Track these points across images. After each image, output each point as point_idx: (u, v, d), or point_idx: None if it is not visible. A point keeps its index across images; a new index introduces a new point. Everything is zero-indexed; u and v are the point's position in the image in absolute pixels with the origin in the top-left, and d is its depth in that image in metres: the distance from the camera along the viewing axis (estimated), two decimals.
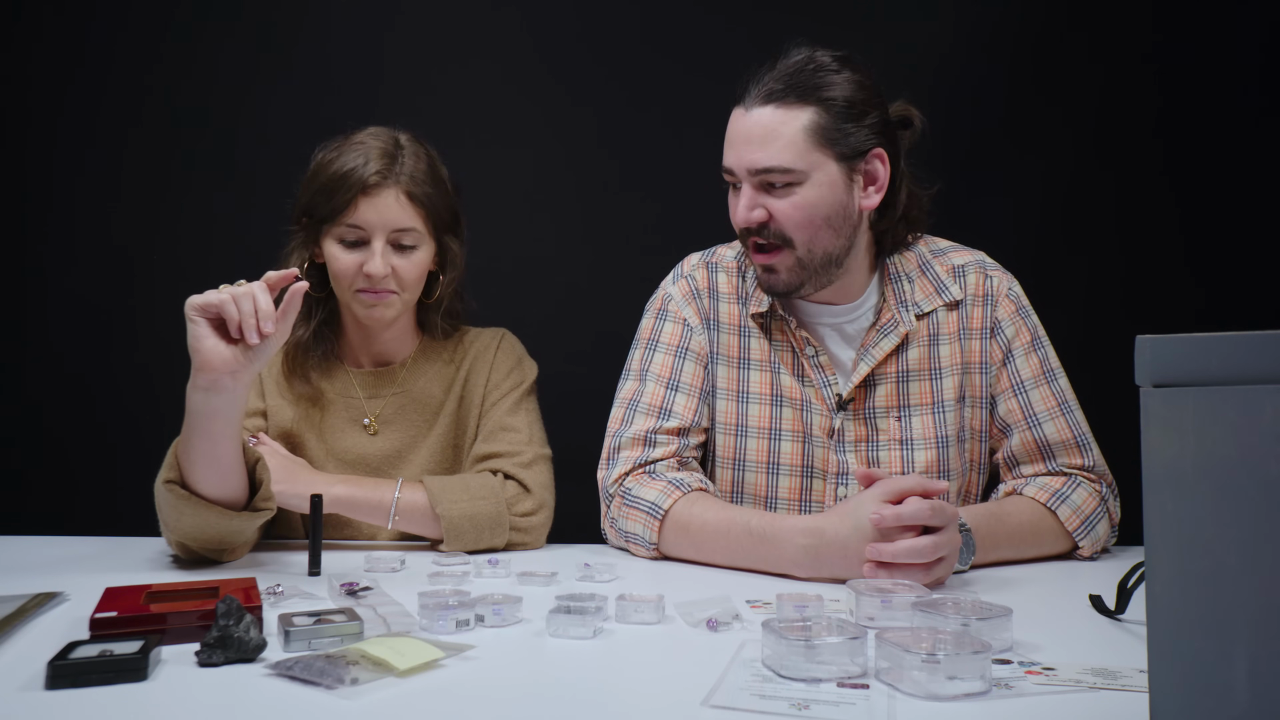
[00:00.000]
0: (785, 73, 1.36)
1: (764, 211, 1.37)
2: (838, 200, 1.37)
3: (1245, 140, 2.04)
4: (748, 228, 1.39)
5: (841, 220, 1.38)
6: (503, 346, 1.62)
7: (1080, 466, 1.42)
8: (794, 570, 1.24)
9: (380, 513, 1.42)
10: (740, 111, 1.37)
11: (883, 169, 1.40)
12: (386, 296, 1.48)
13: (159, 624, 0.91)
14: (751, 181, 1.36)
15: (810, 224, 1.36)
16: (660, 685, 0.83)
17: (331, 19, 2.14)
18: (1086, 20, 2.07)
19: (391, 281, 1.47)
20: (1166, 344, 0.58)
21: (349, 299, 1.50)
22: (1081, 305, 1.98)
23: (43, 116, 2.12)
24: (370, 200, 1.44)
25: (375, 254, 1.45)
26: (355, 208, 1.44)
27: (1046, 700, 0.78)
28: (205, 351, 1.20)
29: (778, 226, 1.37)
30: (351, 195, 1.43)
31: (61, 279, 2.13)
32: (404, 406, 1.57)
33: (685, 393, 1.48)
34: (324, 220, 1.46)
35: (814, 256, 1.38)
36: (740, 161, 1.36)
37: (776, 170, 1.34)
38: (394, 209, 1.45)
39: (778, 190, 1.36)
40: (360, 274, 1.46)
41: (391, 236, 1.46)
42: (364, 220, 1.45)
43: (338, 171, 1.45)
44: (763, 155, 1.34)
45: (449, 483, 1.44)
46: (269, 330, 1.20)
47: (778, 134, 1.34)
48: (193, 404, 1.23)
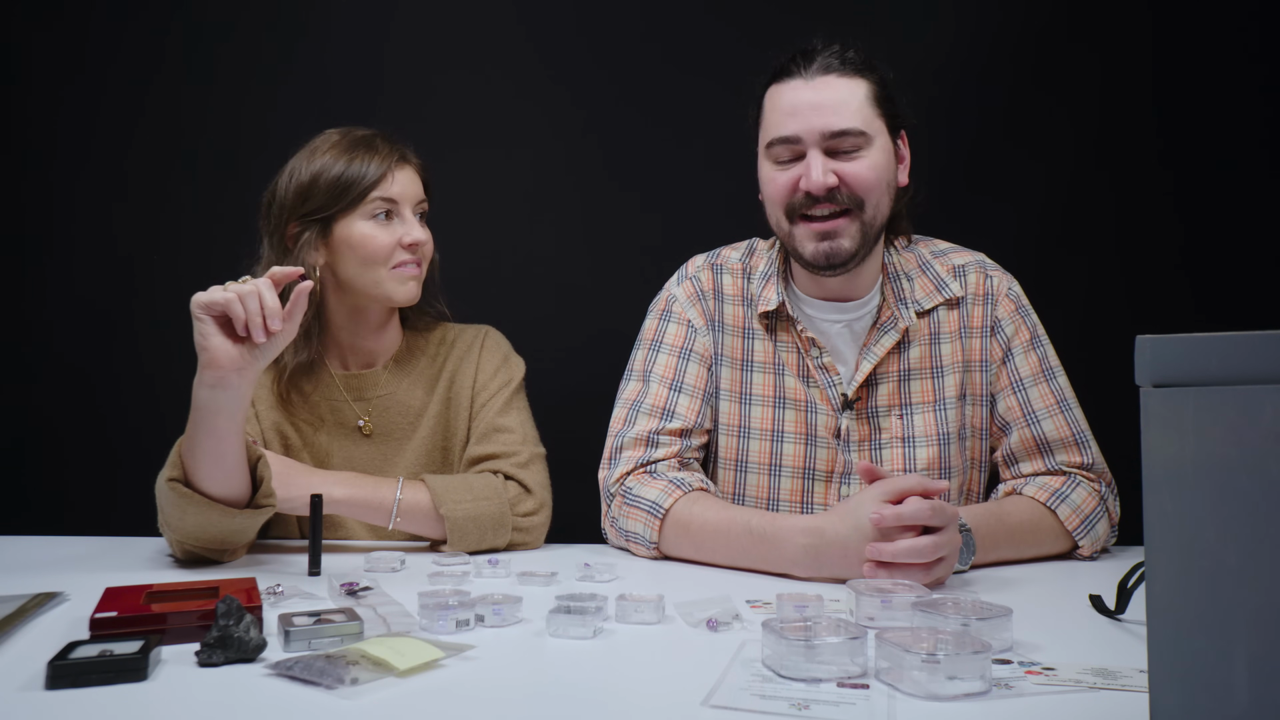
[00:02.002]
0: (836, 51, 1.39)
1: (834, 176, 1.37)
2: (892, 167, 1.41)
3: (1245, 140, 2.04)
4: (817, 194, 1.37)
5: (894, 190, 1.43)
6: (486, 344, 1.61)
7: (1079, 465, 1.42)
8: (794, 570, 1.24)
9: (381, 513, 1.41)
10: (798, 83, 1.38)
11: (905, 149, 1.45)
12: (419, 271, 1.52)
13: (159, 624, 0.92)
14: (822, 146, 1.37)
15: (879, 186, 1.39)
16: (660, 685, 0.83)
17: (332, 21, 2.14)
18: (1086, 21, 2.07)
19: (423, 252, 1.52)
20: (1166, 344, 0.58)
21: (381, 278, 1.49)
22: (1081, 305, 1.98)
23: (44, 117, 2.12)
24: (403, 171, 1.49)
25: (412, 223, 1.50)
26: (390, 180, 1.47)
27: (1046, 700, 0.78)
28: (212, 349, 1.20)
29: (849, 190, 1.37)
30: (382, 170, 1.47)
31: (62, 279, 2.13)
32: (388, 410, 1.57)
33: (688, 394, 1.48)
34: (347, 206, 1.46)
35: (875, 223, 1.40)
36: (811, 126, 1.36)
37: (852, 133, 1.36)
38: (416, 182, 1.53)
39: (845, 155, 1.37)
40: (397, 248, 1.48)
41: (416, 208, 1.52)
42: (399, 193, 1.48)
43: (353, 160, 1.47)
44: (837, 119, 1.36)
45: (452, 482, 1.44)
46: (276, 328, 1.20)
47: (849, 98, 1.37)
48: (199, 400, 1.23)
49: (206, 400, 1.22)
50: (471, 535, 1.41)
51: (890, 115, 1.40)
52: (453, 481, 1.44)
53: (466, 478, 1.46)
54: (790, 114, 1.38)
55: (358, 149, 1.48)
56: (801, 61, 1.39)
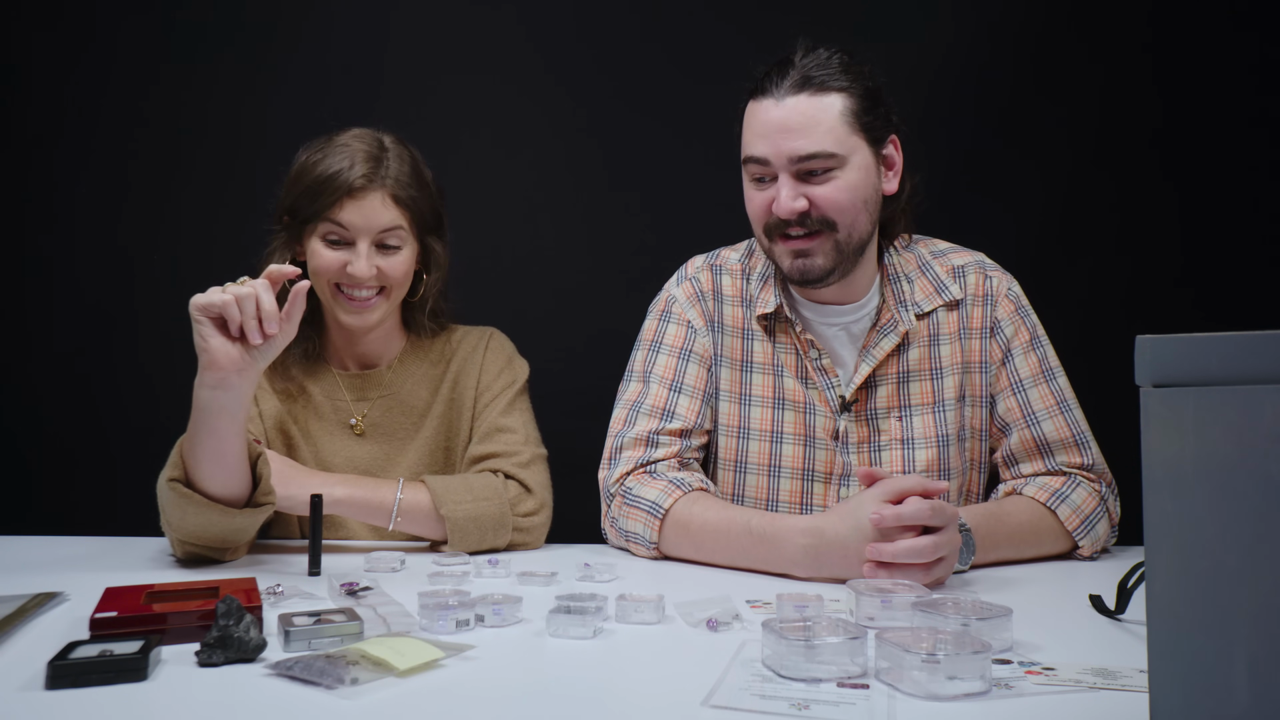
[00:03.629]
0: (810, 64, 1.36)
1: (805, 201, 1.36)
2: (871, 183, 1.39)
3: (1244, 140, 2.04)
4: (788, 219, 1.36)
5: (874, 204, 1.41)
6: (491, 346, 1.61)
7: (1079, 465, 1.42)
8: (794, 570, 1.24)
9: (382, 514, 1.41)
10: (769, 102, 1.36)
11: (897, 154, 1.43)
12: (370, 303, 1.47)
13: (159, 624, 0.91)
14: (791, 170, 1.35)
15: (853, 207, 1.37)
16: (660, 685, 0.83)
17: (333, 21, 2.15)
18: (1086, 21, 2.07)
19: (375, 282, 1.47)
20: (1166, 344, 0.58)
21: (329, 299, 1.49)
22: (1081, 306, 1.98)
23: (45, 116, 2.12)
24: (356, 203, 1.43)
25: (360, 255, 1.44)
26: (340, 209, 1.43)
27: (1046, 700, 0.78)
28: (212, 351, 1.20)
29: (820, 213, 1.36)
30: (337, 197, 1.43)
31: (63, 280, 2.13)
32: (391, 409, 1.56)
33: (688, 395, 1.48)
34: (308, 220, 1.46)
35: (851, 241, 1.39)
36: (779, 151, 1.35)
37: (820, 156, 1.34)
38: (379, 211, 1.45)
39: (818, 177, 1.35)
40: (341, 271, 1.45)
41: (376, 238, 1.45)
42: (349, 222, 1.44)
43: (323, 173, 1.44)
44: (805, 142, 1.34)
45: (451, 483, 1.43)
46: (273, 330, 1.20)
47: (818, 120, 1.34)
48: (200, 401, 1.23)
49: (208, 401, 1.23)
50: (472, 535, 1.41)
51: (871, 127, 1.37)
52: (453, 482, 1.44)
53: (466, 478, 1.46)
54: (761, 135, 1.37)
55: (331, 165, 1.44)
56: (776, 77, 1.36)
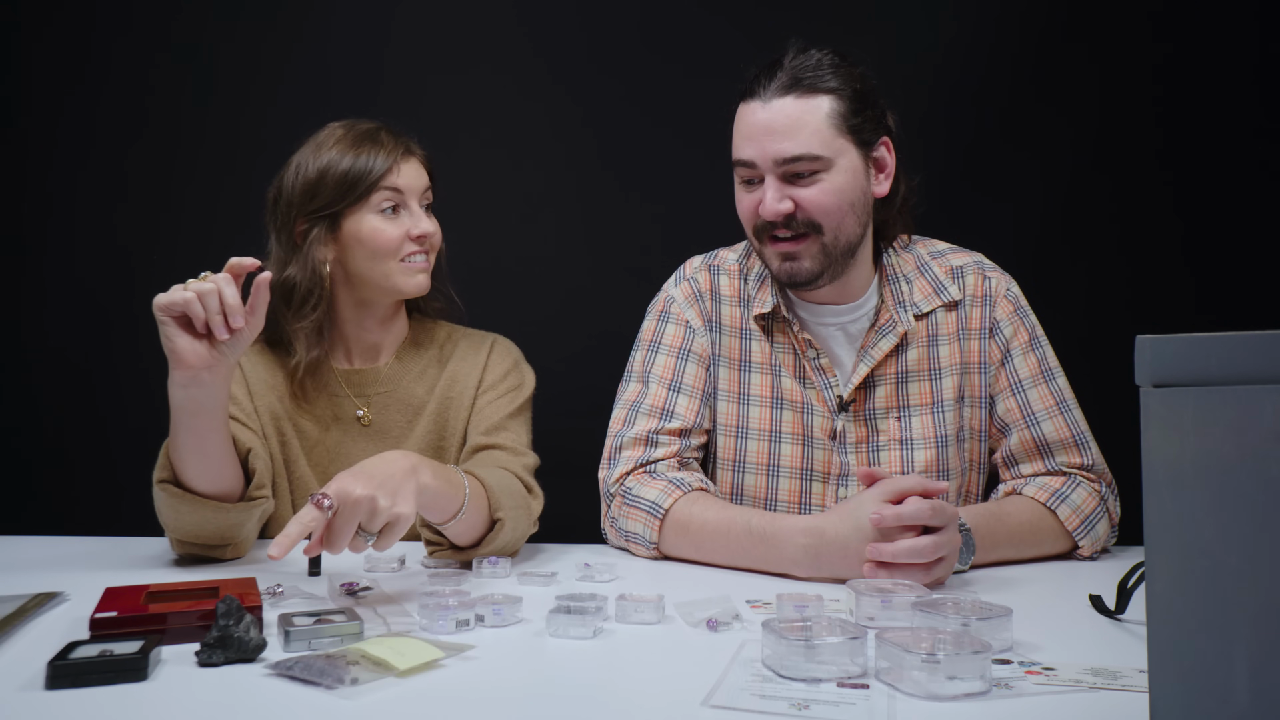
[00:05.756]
0: (799, 66, 1.36)
1: (790, 203, 1.36)
2: (859, 186, 1.38)
3: (1244, 140, 2.04)
4: (773, 220, 1.36)
5: (862, 207, 1.40)
6: (495, 350, 1.60)
7: (1079, 465, 1.42)
8: (794, 570, 1.24)
9: (454, 504, 1.21)
10: (756, 105, 1.36)
11: (889, 156, 1.42)
12: (427, 264, 1.52)
13: (159, 624, 0.92)
14: (777, 172, 1.35)
15: (839, 210, 1.36)
16: (660, 685, 0.83)
17: (333, 20, 2.14)
18: (1086, 21, 2.07)
19: (429, 243, 1.52)
20: (1166, 344, 0.58)
21: (390, 271, 1.49)
22: (1081, 305, 1.98)
23: (44, 115, 2.12)
24: (408, 164, 1.49)
25: (419, 215, 1.50)
26: (397, 173, 1.47)
27: (1046, 700, 0.78)
28: (179, 350, 1.20)
29: (806, 215, 1.36)
30: (390, 162, 1.47)
31: (64, 278, 2.13)
32: (388, 406, 1.56)
33: (687, 394, 1.48)
34: (359, 198, 1.46)
35: (839, 243, 1.38)
36: (765, 153, 1.35)
37: (806, 158, 1.33)
38: (421, 172, 1.52)
39: (804, 180, 1.35)
40: (406, 240, 1.48)
41: (422, 198, 1.52)
42: (405, 185, 1.48)
43: (364, 149, 1.46)
44: (791, 145, 1.33)
45: (502, 483, 1.31)
46: (238, 325, 1.19)
47: (803, 122, 1.34)
48: (175, 401, 1.24)
49: (182, 400, 1.23)
50: (509, 544, 1.32)
51: (859, 130, 1.36)
52: (503, 482, 1.32)
53: (503, 478, 1.35)
54: (747, 138, 1.37)
55: (363, 143, 1.47)
56: (764, 79, 1.36)
